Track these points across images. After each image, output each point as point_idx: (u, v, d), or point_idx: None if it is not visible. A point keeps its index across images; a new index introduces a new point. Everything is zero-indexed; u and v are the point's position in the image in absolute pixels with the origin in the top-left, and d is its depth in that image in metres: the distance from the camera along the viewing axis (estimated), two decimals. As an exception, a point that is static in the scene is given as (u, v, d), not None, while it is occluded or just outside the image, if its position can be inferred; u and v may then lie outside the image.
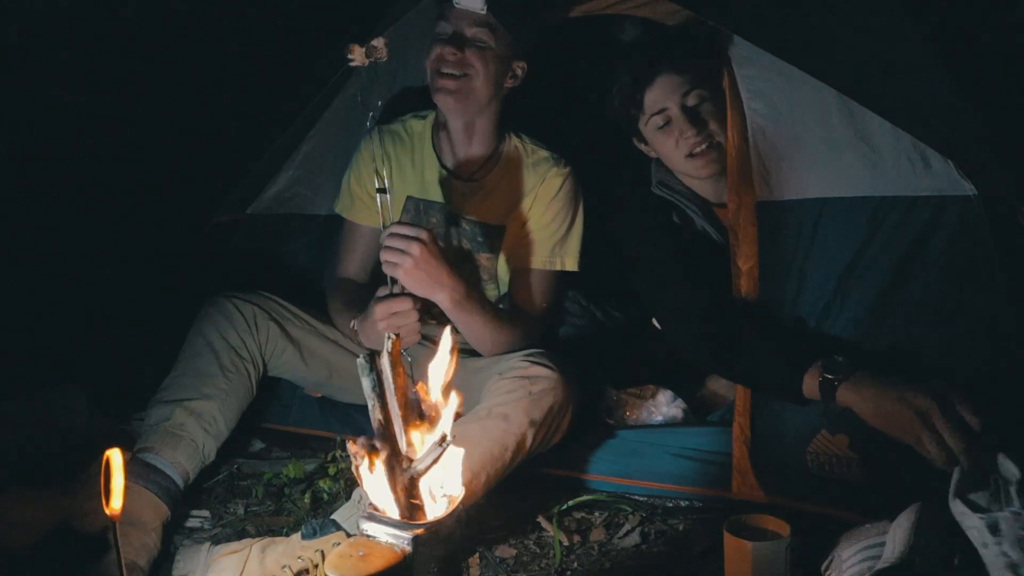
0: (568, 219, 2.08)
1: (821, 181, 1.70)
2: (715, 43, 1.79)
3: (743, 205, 1.74)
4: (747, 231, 1.74)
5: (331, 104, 2.31)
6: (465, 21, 1.96)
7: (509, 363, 1.86)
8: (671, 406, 2.00)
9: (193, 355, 1.96)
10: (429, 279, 1.80)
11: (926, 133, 1.62)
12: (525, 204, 2.09)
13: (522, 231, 2.09)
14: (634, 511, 1.83)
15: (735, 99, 1.75)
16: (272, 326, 2.04)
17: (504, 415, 1.76)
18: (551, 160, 2.10)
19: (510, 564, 1.68)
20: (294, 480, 2.00)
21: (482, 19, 1.95)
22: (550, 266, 2.09)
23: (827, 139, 1.68)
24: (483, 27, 1.96)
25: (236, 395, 1.95)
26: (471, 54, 1.96)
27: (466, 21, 1.96)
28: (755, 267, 1.75)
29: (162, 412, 1.87)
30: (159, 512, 1.74)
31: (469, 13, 1.95)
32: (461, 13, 1.96)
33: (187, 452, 1.84)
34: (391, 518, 1.29)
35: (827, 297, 1.69)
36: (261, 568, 1.60)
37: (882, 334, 1.66)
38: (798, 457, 1.72)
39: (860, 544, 1.45)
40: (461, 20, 1.96)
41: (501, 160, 2.11)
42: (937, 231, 1.61)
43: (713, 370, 2.00)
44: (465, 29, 1.96)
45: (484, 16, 1.94)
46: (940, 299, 1.62)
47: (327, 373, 2.12)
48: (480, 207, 2.10)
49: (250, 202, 2.43)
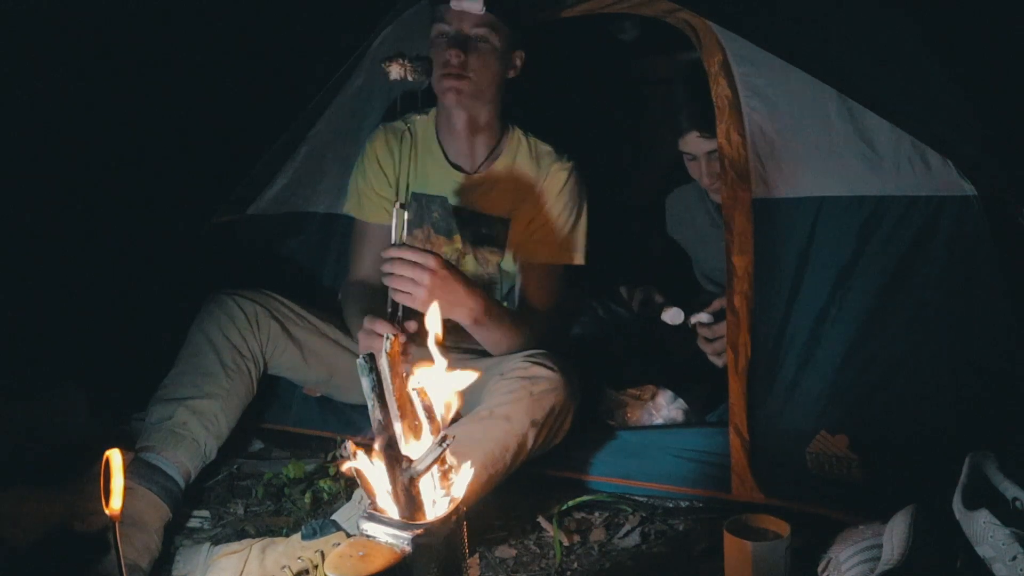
0: (574, 214, 2.09)
1: (819, 180, 1.70)
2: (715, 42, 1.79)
3: (739, 202, 1.74)
4: (743, 228, 1.74)
5: (331, 104, 2.31)
6: (465, 21, 1.96)
7: (510, 364, 1.86)
8: (671, 407, 2.00)
9: (195, 353, 1.95)
10: (448, 304, 1.76)
11: (926, 133, 1.62)
12: (530, 198, 2.09)
13: (529, 226, 2.09)
14: (634, 511, 1.83)
15: (733, 96, 1.75)
16: (274, 325, 2.03)
17: (506, 416, 1.76)
18: (554, 154, 2.11)
19: (510, 564, 1.68)
20: (294, 480, 2.00)
21: (481, 18, 1.95)
22: (557, 261, 2.09)
23: (826, 138, 1.68)
24: (483, 26, 1.96)
25: (237, 394, 1.95)
26: (474, 56, 1.96)
27: (467, 21, 1.96)
28: (751, 264, 1.75)
29: (164, 410, 1.86)
30: (161, 513, 1.74)
31: (468, 14, 1.95)
32: (460, 14, 1.95)
33: (189, 451, 1.83)
34: (391, 518, 1.29)
35: (825, 296, 1.69)
36: (261, 569, 1.60)
37: (881, 334, 1.66)
38: (797, 458, 1.72)
39: (857, 546, 1.45)
40: (461, 21, 1.96)
41: (504, 153, 2.12)
42: (936, 231, 1.61)
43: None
44: (466, 29, 1.96)
45: (483, 15, 1.94)
46: (939, 299, 1.62)
47: (327, 373, 2.12)
48: (484, 200, 2.10)
49: (249, 202, 2.42)
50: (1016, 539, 1.27)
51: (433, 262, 1.74)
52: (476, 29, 1.96)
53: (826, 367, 1.69)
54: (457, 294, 1.80)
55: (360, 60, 2.27)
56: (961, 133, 1.77)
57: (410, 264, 1.73)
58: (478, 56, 1.97)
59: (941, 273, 1.62)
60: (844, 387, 1.68)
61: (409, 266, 1.73)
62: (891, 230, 1.64)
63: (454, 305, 1.80)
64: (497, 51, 1.99)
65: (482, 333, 1.93)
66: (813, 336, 1.71)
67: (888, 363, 1.66)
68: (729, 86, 1.75)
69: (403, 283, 1.73)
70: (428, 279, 1.73)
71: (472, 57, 1.96)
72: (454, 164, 2.12)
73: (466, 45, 1.95)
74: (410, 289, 1.73)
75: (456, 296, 1.80)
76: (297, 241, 2.38)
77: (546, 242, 2.08)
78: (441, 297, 1.69)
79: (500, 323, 1.93)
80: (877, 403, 1.67)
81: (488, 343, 1.98)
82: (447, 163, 2.12)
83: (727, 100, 1.75)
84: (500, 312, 1.95)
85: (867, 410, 1.68)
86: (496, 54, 1.99)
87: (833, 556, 1.49)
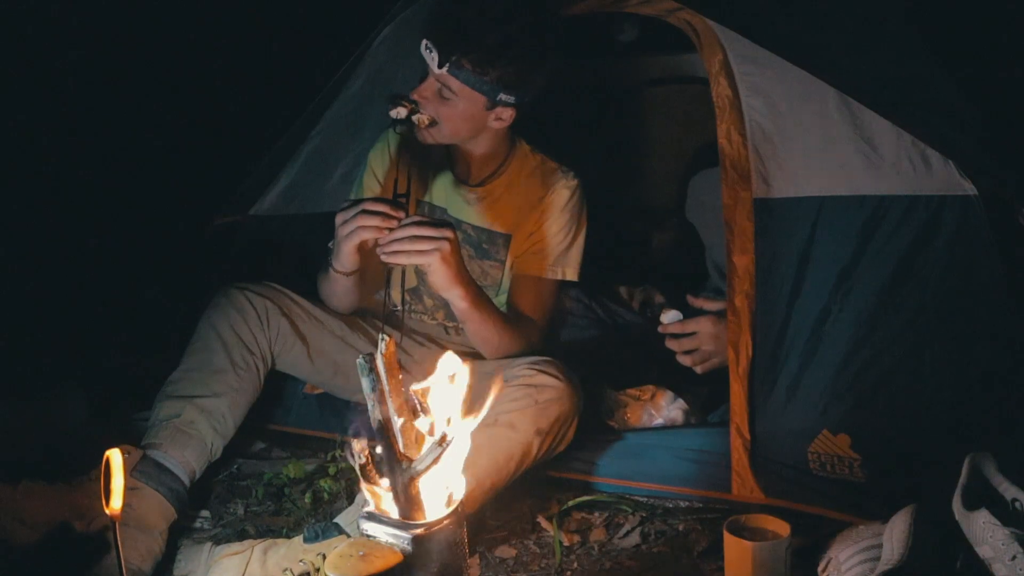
0: (573, 230, 2.10)
1: (820, 179, 1.70)
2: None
3: (739, 202, 1.74)
4: (743, 228, 1.74)
5: (333, 103, 2.31)
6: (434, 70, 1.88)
7: (515, 370, 1.85)
8: (671, 408, 2.00)
9: (204, 348, 1.93)
10: (453, 276, 1.81)
11: (926, 132, 1.62)
12: (533, 214, 2.09)
13: (528, 240, 2.10)
14: (634, 511, 1.83)
15: (733, 96, 1.75)
16: (283, 321, 2.02)
17: (511, 424, 1.75)
18: (560, 171, 2.11)
19: (510, 564, 1.68)
20: (294, 480, 2.00)
21: (442, 75, 1.86)
22: (552, 275, 2.10)
23: (826, 137, 1.68)
24: (448, 82, 1.87)
25: (245, 392, 1.94)
26: (438, 105, 1.90)
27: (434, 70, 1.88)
28: (751, 264, 1.75)
29: (172, 408, 1.85)
30: (166, 515, 1.73)
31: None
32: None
33: (196, 451, 1.83)
34: (391, 518, 1.29)
35: (826, 296, 1.69)
36: (263, 570, 1.60)
37: (882, 333, 1.66)
38: (798, 458, 1.72)
39: (857, 546, 1.45)
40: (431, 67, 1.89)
41: (509, 169, 2.11)
42: (937, 231, 1.61)
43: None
44: (434, 77, 1.88)
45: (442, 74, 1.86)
46: (940, 299, 1.62)
47: (332, 371, 2.11)
48: (487, 214, 2.11)
49: (252, 203, 2.42)
50: (1016, 539, 1.27)
51: (451, 233, 1.78)
52: (442, 81, 1.88)
53: (827, 366, 1.69)
54: (462, 271, 1.84)
55: (361, 60, 2.27)
56: (961, 133, 1.77)
57: (430, 226, 1.76)
58: (442, 106, 1.90)
59: (942, 273, 1.62)
60: (845, 387, 1.68)
61: (430, 228, 1.76)
62: (892, 229, 1.64)
63: (457, 280, 1.83)
64: (464, 106, 1.90)
65: (476, 320, 1.93)
66: (814, 335, 1.70)
67: (889, 362, 1.65)
68: (729, 86, 1.75)
69: (423, 243, 1.75)
70: (448, 244, 1.76)
71: (437, 105, 1.90)
72: (458, 177, 2.13)
73: (430, 92, 1.89)
74: (428, 247, 1.75)
75: (461, 273, 1.83)
76: (299, 242, 2.38)
77: (542, 255, 2.09)
78: (451, 266, 1.78)
79: (491, 315, 1.95)
80: (878, 403, 1.67)
81: (480, 336, 1.98)
82: (451, 175, 2.12)
83: (727, 100, 1.75)
84: (490, 303, 1.97)
85: (868, 410, 1.67)
86: (464, 108, 1.90)
87: (833, 556, 1.49)
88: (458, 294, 1.86)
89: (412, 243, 1.75)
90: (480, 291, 1.93)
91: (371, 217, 1.76)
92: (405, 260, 1.78)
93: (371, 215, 1.77)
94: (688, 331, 1.92)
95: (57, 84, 2.50)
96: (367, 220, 1.76)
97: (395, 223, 1.76)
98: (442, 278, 1.81)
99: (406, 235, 1.75)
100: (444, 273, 1.80)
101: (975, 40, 2.25)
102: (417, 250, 1.76)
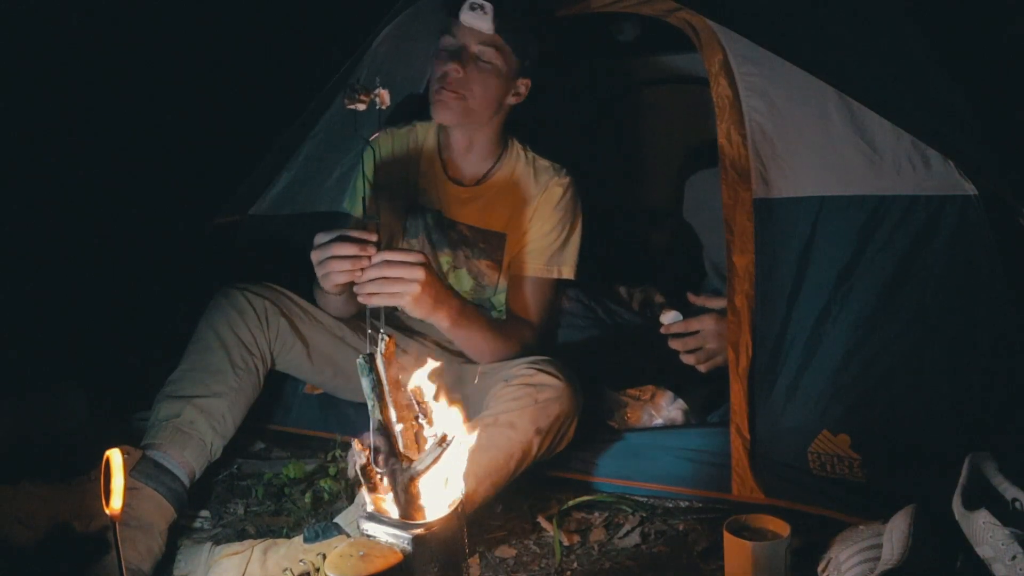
0: (567, 228, 2.09)
1: (820, 179, 1.70)
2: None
3: (739, 202, 1.75)
4: (743, 228, 1.74)
5: (331, 104, 2.31)
6: (472, 38, 1.95)
7: (514, 370, 1.85)
8: (671, 408, 2.00)
9: (203, 349, 1.93)
10: (431, 306, 1.76)
11: (926, 133, 1.62)
12: (527, 213, 2.09)
13: (522, 240, 2.10)
14: (634, 511, 1.83)
15: (733, 96, 1.75)
16: (283, 322, 2.01)
17: (511, 423, 1.75)
18: (552, 169, 2.11)
19: (510, 564, 1.68)
20: (294, 480, 2.00)
21: (488, 37, 1.94)
22: (547, 274, 2.10)
23: (826, 137, 1.68)
24: (489, 46, 1.95)
25: (245, 393, 1.94)
26: (474, 74, 1.95)
27: (473, 38, 1.95)
28: (751, 264, 1.75)
29: (171, 408, 1.85)
30: (166, 515, 1.73)
31: (476, 31, 1.94)
32: (468, 30, 1.94)
33: (195, 451, 1.83)
34: (391, 518, 1.29)
35: (826, 296, 1.69)
36: (263, 570, 1.59)
37: (882, 333, 1.66)
38: (798, 458, 1.72)
39: (857, 546, 1.45)
40: (467, 36, 1.95)
41: (503, 168, 2.12)
42: (937, 231, 1.61)
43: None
44: (471, 46, 1.95)
45: (491, 35, 1.93)
46: (940, 298, 1.62)
47: (331, 371, 2.11)
48: (481, 214, 2.11)
49: (251, 203, 2.42)
50: (1015, 539, 1.27)
51: (422, 257, 1.71)
52: (481, 47, 1.95)
53: (827, 366, 1.69)
54: (441, 292, 1.79)
55: (360, 59, 2.26)
56: (961, 133, 1.77)
57: (400, 265, 1.69)
58: (478, 74, 1.95)
59: (942, 272, 1.62)
60: (845, 386, 1.68)
61: (400, 266, 1.69)
62: (892, 230, 1.64)
63: (438, 303, 1.78)
64: (500, 73, 1.97)
65: (462, 336, 1.93)
66: (814, 335, 1.70)
67: (889, 362, 1.65)
68: (729, 86, 1.75)
69: (395, 284, 1.68)
70: (422, 274, 1.69)
71: (472, 74, 1.95)
72: (452, 178, 2.13)
73: (467, 62, 1.94)
74: (402, 288, 1.68)
75: (440, 295, 1.78)
76: (299, 242, 2.37)
77: (537, 255, 2.09)
78: (430, 294, 1.72)
79: (478, 326, 1.93)
80: (878, 403, 1.67)
81: (470, 348, 1.98)
82: (445, 176, 2.13)
83: (727, 100, 1.75)
84: (475, 314, 1.94)
85: (868, 410, 1.67)
86: (498, 76, 1.98)
87: (833, 556, 1.48)
88: (440, 317, 1.83)
89: (382, 284, 1.67)
90: (464, 306, 1.88)
91: (342, 262, 1.67)
92: (379, 302, 1.67)
93: (341, 259, 1.67)
94: (691, 330, 1.92)
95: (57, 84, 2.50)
96: (338, 265, 1.67)
97: (367, 261, 1.67)
98: (420, 311, 1.76)
99: (377, 276, 1.67)
100: (421, 306, 1.74)
101: (975, 40, 2.25)
102: (388, 292, 1.68)
